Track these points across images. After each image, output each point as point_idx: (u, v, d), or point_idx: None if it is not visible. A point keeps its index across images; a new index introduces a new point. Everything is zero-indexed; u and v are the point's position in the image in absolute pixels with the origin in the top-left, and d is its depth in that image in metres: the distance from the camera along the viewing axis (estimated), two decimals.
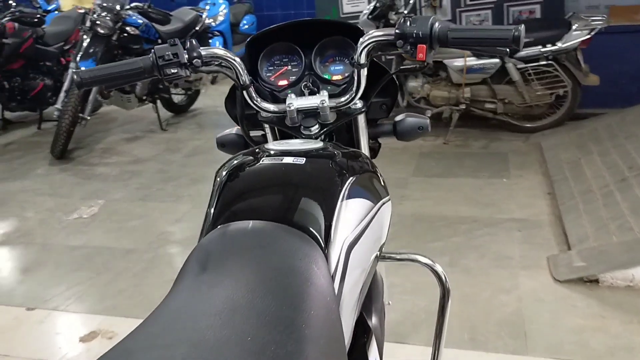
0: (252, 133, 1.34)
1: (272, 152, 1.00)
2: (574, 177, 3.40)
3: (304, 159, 0.96)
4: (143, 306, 2.47)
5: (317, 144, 1.05)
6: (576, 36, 4.10)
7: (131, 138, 5.29)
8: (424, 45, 1.07)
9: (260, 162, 0.98)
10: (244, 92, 1.20)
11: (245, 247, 0.78)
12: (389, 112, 1.35)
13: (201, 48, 1.15)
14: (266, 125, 1.28)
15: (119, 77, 1.12)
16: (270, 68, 1.32)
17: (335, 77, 1.28)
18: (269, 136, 1.31)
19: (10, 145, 5.32)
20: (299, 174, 0.93)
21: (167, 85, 5.50)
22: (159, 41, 5.42)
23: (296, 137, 1.22)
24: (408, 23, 1.08)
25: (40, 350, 2.22)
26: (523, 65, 4.22)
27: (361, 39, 1.14)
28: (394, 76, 1.27)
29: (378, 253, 1.06)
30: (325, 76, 1.28)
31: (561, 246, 2.75)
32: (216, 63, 1.18)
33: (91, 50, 4.69)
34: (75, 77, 1.12)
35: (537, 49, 4.14)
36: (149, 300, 2.50)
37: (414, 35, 1.07)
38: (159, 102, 5.55)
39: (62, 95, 4.75)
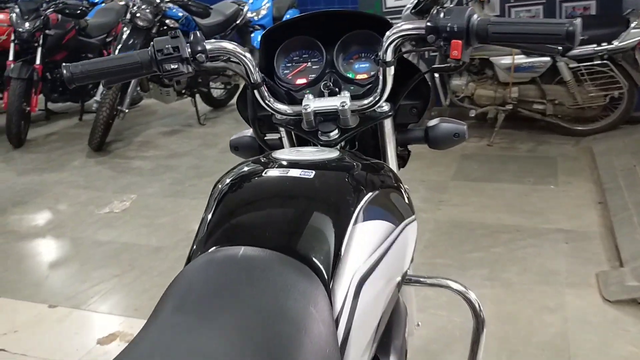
0: (269, 136, 1.22)
1: (278, 163, 0.88)
2: (628, 186, 3.16)
3: (313, 172, 0.84)
4: None
5: (332, 154, 0.92)
6: (635, 34, 3.82)
7: (169, 132, 5.26)
8: (459, 41, 0.92)
9: (263, 175, 0.85)
10: (255, 92, 1.08)
11: (231, 282, 0.65)
12: (420, 117, 1.21)
13: (207, 41, 1.03)
14: (282, 129, 1.16)
15: (114, 72, 1.01)
16: (288, 65, 1.20)
17: (359, 76, 1.15)
18: (285, 141, 1.19)
19: (51, 136, 5.37)
20: (305, 190, 0.80)
21: (206, 78, 5.46)
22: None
23: (313, 144, 1.10)
24: (441, 15, 0.94)
25: (56, 351, 2.17)
26: (576, 65, 3.96)
27: (387, 33, 1.00)
28: (426, 76, 1.13)
29: (400, 279, 0.92)
30: (348, 75, 1.15)
31: (612, 262, 2.53)
32: (224, 59, 1.06)
33: (130, 43, 4.67)
34: (64, 71, 1.02)
35: (591, 48, 3.87)
36: None
37: (448, 29, 0.93)
38: (197, 96, 5.51)
39: (101, 87, 4.74)
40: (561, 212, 3.06)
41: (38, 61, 4.95)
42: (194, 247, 0.78)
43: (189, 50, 1.00)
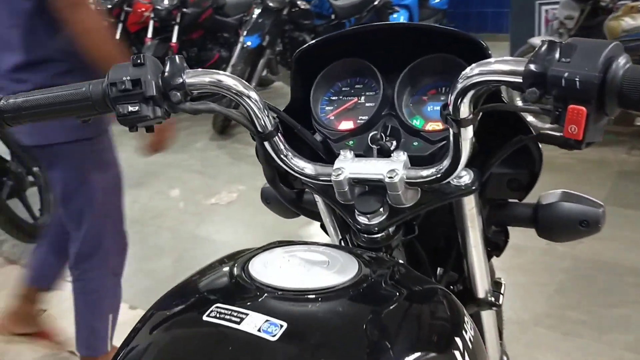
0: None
1: (215, 313, 0.53)
2: None
3: (281, 326, 0.49)
4: None
5: (341, 277, 0.57)
6: None
7: None
8: (583, 108, 0.52)
9: (198, 324, 0.53)
10: (266, 144, 0.75)
11: None
12: (526, 194, 0.80)
13: (190, 71, 0.71)
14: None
15: (57, 111, 0.73)
16: (333, 98, 0.84)
17: (430, 125, 0.77)
18: (321, 206, 0.85)
19: (182, 115, 5.42)
20: None
21: None
22: (332, 16, 5.09)
23: (352, 225, 0.74)
24: (557, 52, 0.54)
25: None
26: None
27: (463, 73, 0.61)
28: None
29: None
30: (413, 122, 0.77)
31: None
32: (217, 96, 0.74)
33: (259, 23, 4.51)
34: None
35: None
36: None
37: (564, 81, 0.53)
38: None
39: (229, 69, 4.65)
40: None
41: (174, 39, 5.00)
42: None
43: (159, 84, 0.69)
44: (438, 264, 0.91)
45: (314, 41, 0.83)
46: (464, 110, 0.62)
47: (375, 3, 5.28)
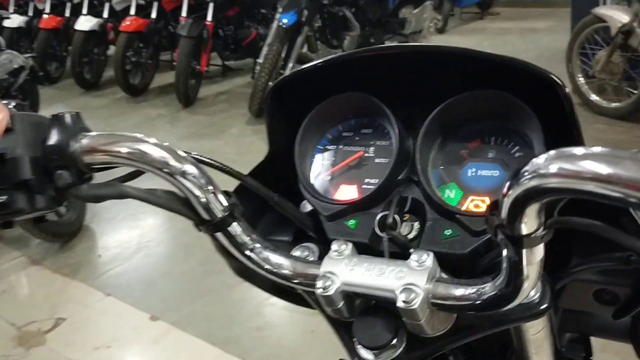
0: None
1: None
2: None
3: None
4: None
5: None
6: None
7: None
8: None
9: None
10: (219, 235, 0.51)
11: None
12: (624, 314, 0.54)
13: (91, 135, 0.48)
14: None
15: None
16: (329, 148, 0.60)
17: (473, 202, 0.52)
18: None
19: (221, 95, 5.25)
20: None
21: (380, 36, 4.85)
22: None
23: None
24: None
25: None
26: None
27: (525, 169, 0.36)
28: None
29: None
30: (445, 195, 0.52)
31: None
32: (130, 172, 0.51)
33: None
34: None
35: None
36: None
37: None
38: None
39: (265, 48, 4.41)
40: None
41: (209, 17, 4.78)
42: None
43: (37, 160, 0.46)
44: None
45: (297, 69, 0.58)
46: (530, 224, 0.37)
47: None
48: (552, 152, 0.34)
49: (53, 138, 0.47)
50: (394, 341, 0.47)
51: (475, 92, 0.52)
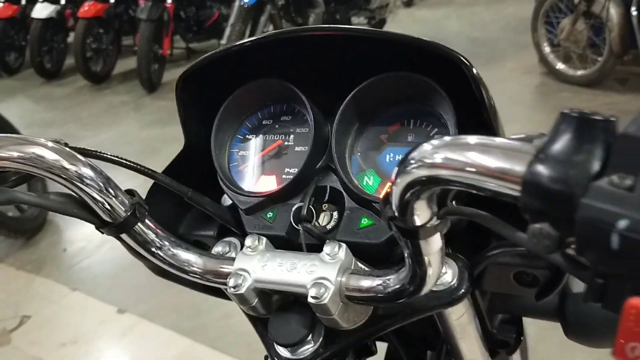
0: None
1: None
2: None
3: None
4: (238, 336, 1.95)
5: None
6: None
7: None
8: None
9: None
10: (125, 236, 0.48)
11: None
12: (546, 295, 0.51)
13: None
14: None
15: None
16: (249, 137, 0.57)
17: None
18: None
19: None
20: None
21: (345, 14, 4.78)
22: None
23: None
24: (599, 155, 0.27)
25: None
26: None
27: (407, 157, 0.33)
28: None
29: None
30: (363, 182, 0.50)
31: None
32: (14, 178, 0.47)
33: None
34: None
35: None
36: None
37: (619, 240, 0.24)
38: None
39: (227, 29, 4.32)
40: None
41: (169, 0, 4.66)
42: None
43: None
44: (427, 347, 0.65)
45: (204, 56, 0.54)
46: (422, 214, 0.34)
47: None
48: (434, 141, 0.31)
49: None
50: (310, 337, 0.45)
51: (389, 75, 0.49)
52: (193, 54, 5.74)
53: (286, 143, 0.55)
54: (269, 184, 0.54)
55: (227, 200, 0.55)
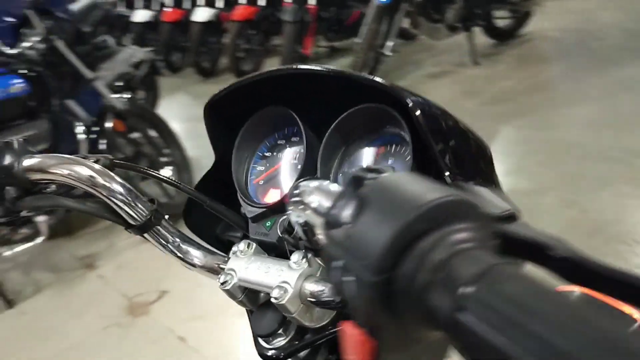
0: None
1: None
2: None
3: None
4: None
5: None
6: None
7: (436, 74, 4.71)
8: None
9: None
10: (147, 235, 0.60)
11: None
12: None
13: (35, 158, 0.58)
14: None
15: None
16: (267, 155, 0.67)
17: None
18: None
19: None
20: None
21: (485, 8, 4.66)
22: None
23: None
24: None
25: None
26: None
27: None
28: None
29: None
30: None
31: None
32: (59, 190, 0.61)
33: None
34: None
35: None
36: None
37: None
38: (477, 29, 4.76)
39: (363, 28, 4.42)
40: None
41: (313, 1, 4.87)
42: None
43: None
44: None
45: (222, 88, 0.64)
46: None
47: None
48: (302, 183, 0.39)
49: (1, 161, 0.58)
50: (281, 330, 0.53)
51: (362, 107, 0.55)
52: (335, 52, 5.95)
53: (293, 161, 0.64)
54: (273, 197, 0.63)
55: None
